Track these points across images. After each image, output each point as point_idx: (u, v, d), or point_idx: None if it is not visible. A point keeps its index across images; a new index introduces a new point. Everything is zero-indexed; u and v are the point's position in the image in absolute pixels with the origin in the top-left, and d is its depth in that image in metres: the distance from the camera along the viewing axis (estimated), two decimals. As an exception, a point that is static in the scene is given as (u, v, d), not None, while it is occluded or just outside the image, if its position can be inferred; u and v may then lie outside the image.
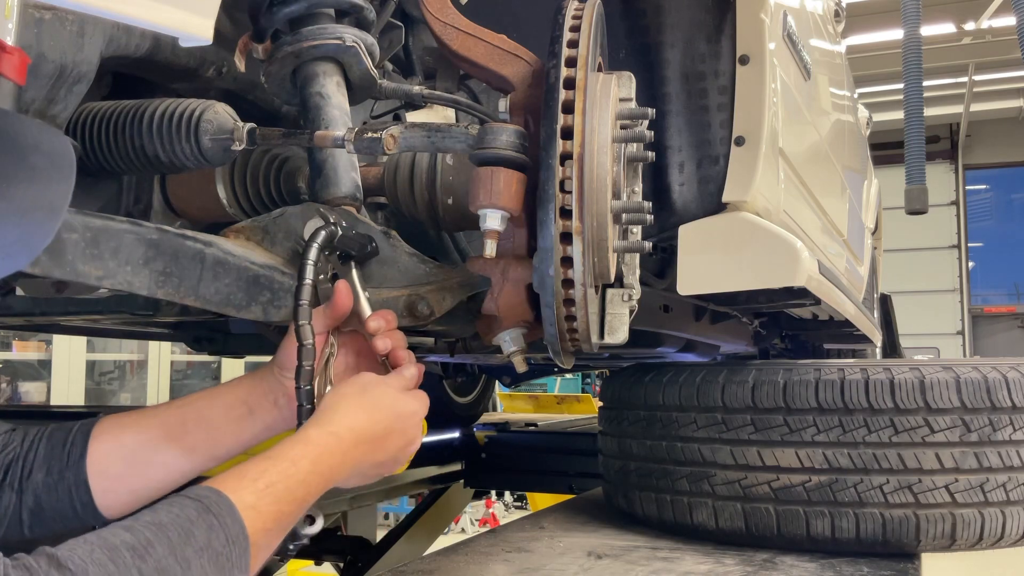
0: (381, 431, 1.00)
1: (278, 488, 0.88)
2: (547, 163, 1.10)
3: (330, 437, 0.95)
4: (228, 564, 0.78)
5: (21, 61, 0.77)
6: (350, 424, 0.97)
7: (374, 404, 1.01)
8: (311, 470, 0.92)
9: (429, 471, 3.33)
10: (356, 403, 0.99)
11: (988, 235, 16.25)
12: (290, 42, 1.12)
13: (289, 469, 0.90)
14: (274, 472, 0.88)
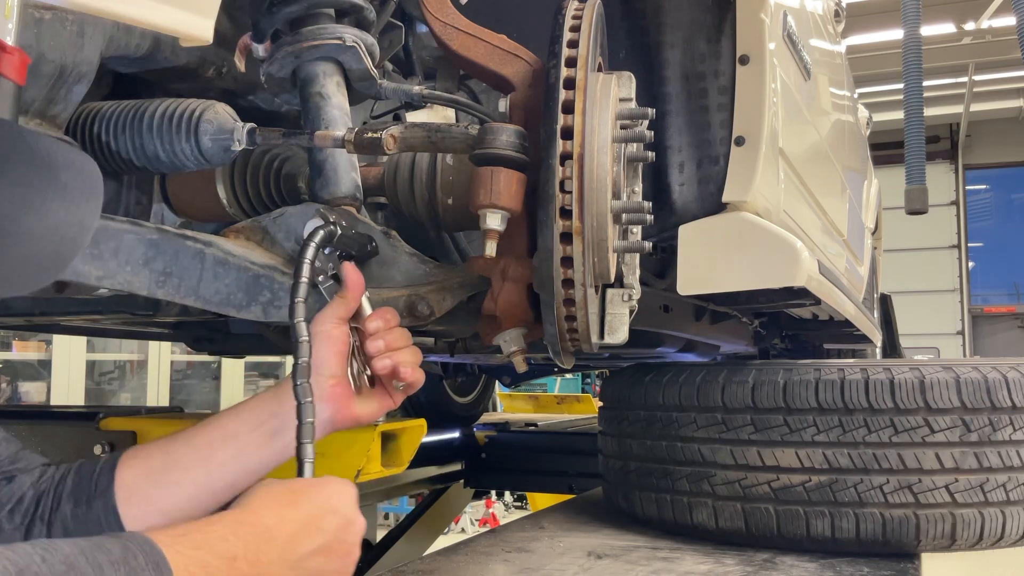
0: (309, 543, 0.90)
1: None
2: (547, 163, 1.10)
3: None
4: None
5: (21, 61, 0.77)
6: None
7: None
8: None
9: (429, 471, 3.33)
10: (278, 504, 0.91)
11: (988, 235, 16.24)
12: (290, 42, 1.12)
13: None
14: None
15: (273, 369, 8.72)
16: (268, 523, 0.86)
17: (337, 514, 0.93)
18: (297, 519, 0.89)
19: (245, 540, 0.82)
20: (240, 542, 0.81)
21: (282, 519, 0.87)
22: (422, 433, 1.67)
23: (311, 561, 0.88)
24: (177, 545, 0.76)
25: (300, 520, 0.89)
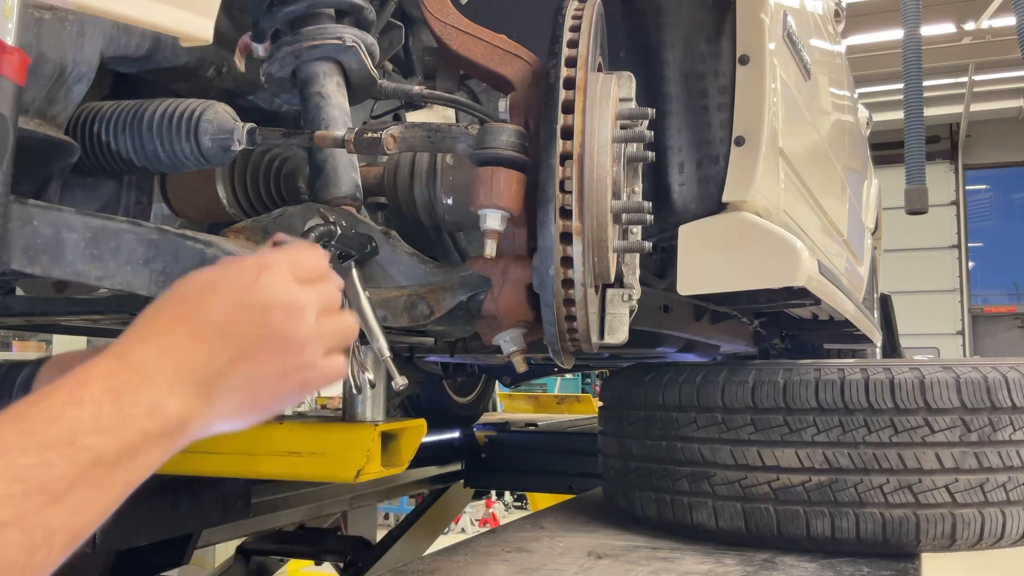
0: (221, 307, 0.67)
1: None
2: (547, 163, 1.10)
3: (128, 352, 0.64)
4: None
5: (21, 61, 0.77)
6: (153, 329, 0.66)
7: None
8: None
9: (429, 471, 3.34)
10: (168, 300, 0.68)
11: (988, 235, 16.24)
12: (290, 42, 1.13)
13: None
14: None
15: (273, 369, 8.70)
16: (143, 357, 0.64)
17: (251, 308, 0.68)
18: (198, 333, 0.66)
19: (95, 403, 0.60)
20: (85, 410, 0.59)
21: (166, 346, 0.65)
22: (422, 433, 1.67)
23: (237, 369, 0.67)
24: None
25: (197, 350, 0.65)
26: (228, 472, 1.70)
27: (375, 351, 1.11)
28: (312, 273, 0.72)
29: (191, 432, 0.65)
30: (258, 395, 0.69)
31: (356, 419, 1.69)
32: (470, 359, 3.09)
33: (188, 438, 0.66)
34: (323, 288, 0.73)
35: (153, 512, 1.77)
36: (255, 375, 0.67)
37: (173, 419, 0.63)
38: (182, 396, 0.64)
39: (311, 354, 0.70)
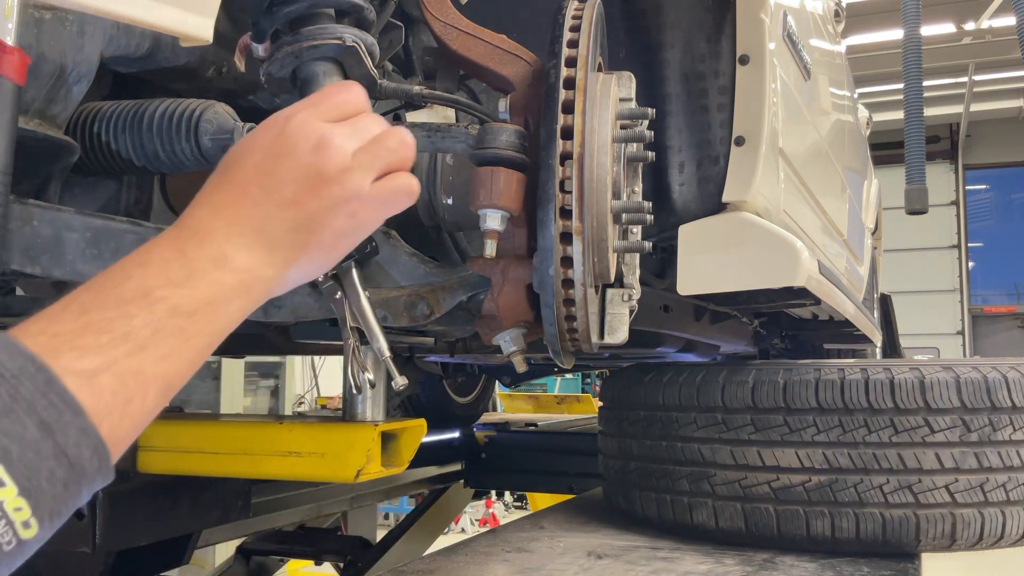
0: (256, 163, 0.71)
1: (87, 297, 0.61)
2: (547, 163, 1.10)
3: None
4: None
5: (21, 61, 0.77)
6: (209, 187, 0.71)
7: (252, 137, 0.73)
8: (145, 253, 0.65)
9: (429, 471, 3.34)
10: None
11: (988, 235, 16.25)
12: (290, 42, 1.12)
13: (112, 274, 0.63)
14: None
15: (273, 369, 8.72)
16: (197, 220, 0.68)
17: (281, 156, 0.71)
18: (241, 191, 0.69)
19: (162, 261, 0.64)
20: (153, 268, 0.63)
21: (216, 206, 0.69)
22: (422, 433, 1.67)
23: (284, 213, 0.70)
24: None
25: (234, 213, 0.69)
26: (228, 472, 1.70)
27: (375, 351, 1.11)
28: (342, 110, 0.74)
29: (268, 283, 0.69)
30: (317, 237, 0.71)
31: (356, 419, 1.69)
32: (470, 359, 3.09)
33: (267, 290, 0.70)
34: (358, 120, 0.75)
35: (153, 512, 1.77)
36: (304, 217, 0.70)
37: (241, 270, 0.67)
38: (242, 249, 0.67)
39: (353, 184, 0.72)
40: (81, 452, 0.56)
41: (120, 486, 1.69)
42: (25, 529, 0.53)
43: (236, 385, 7.62)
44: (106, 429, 0.58)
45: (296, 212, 0.70)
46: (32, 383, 0.54)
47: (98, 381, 0.57)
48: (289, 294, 1.23)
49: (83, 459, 0.56)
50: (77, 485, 0.56)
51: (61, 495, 0.55)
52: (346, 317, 1.13)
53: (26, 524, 0.53)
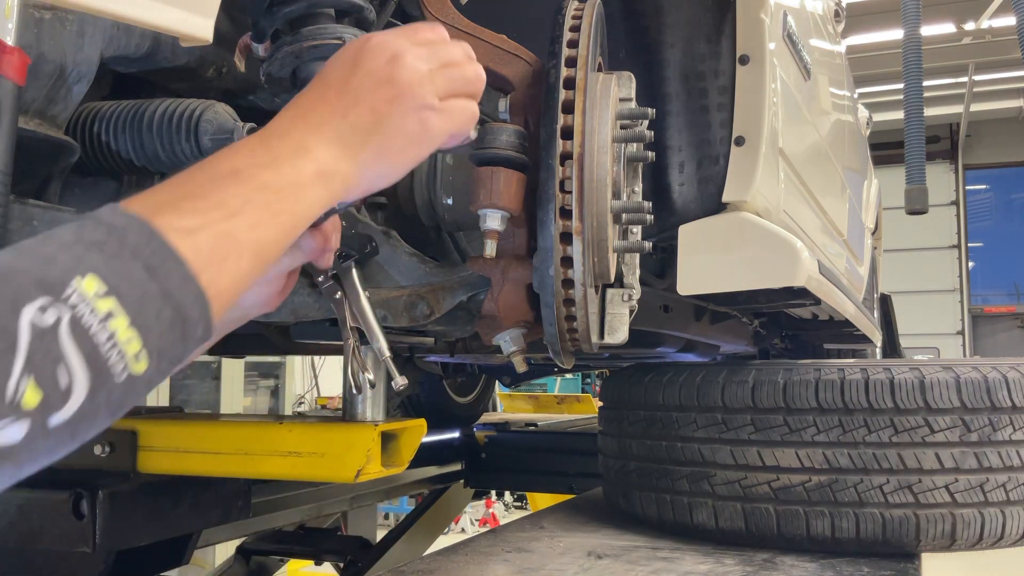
0: (338, 74, 0.80)
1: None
2: (547, 163, 1.10)
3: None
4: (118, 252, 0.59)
5: (21, 61, 0.77)
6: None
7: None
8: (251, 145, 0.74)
9: (429, 471, 3.33)
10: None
11: (988, 235, 16.25)
12: (290, 42, 1.12)
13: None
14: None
15: (273, 369, 8.72)
16: (281, 121, 0.77)
17: (359, 66, 0.80)
18: (323, 98, 0.78)
19: (249, 149, 0.72)
20: (241, 154, 0.71)
21: (300, 110, 0.78)
22: (422, 433, 1.67)
23: (362, 119, 0.77)
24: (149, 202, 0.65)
25: (331, 101, 0.78)
26: (228, 472, 1.70)
27: (375, 351, 1.11)
28: (421, 37, 0.82)
29: (345, 179, 0.76)
30: (389, 140, 0.79)
31: (356, 419, 1.69)
32: (470, 359, 3.09)
33: (345, 186, 0.77)
34: (436, 45, 0.83)
35: (153, 512, 1.77)
36: (378, 121, 0.78)
37: (320, 160, 0.74)
38: (321, 143, 0.75)
39: (424, 96, 0.80)
40: (184, 296, 0.61)
41: (120, 486, 1.69)
42: (136, 362, 0.58)
43: (236, 385, 7.62)
44: (204, 281, 0.63)
45: (370, 116, 0.77)
46: (137, 234, 0.61)
47: (195, 238, 0.63)
48: (289, 294, 1.22)
49: (186, 303, 0.61)
50: (182, 328, 0.61)
51: (167, 334, 0.60)
52: (346, 317, 1.13)
53: (137, 356, 0.58)
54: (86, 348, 0.55)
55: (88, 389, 0.55)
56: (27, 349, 0.53)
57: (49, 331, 0.54)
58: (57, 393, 0.54)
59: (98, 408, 0.57)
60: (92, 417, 0.57)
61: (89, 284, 0.56)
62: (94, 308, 0.56)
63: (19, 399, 0.52)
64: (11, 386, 0.52)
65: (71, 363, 0.54)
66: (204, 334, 0.64)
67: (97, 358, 0.56)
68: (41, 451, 0.55)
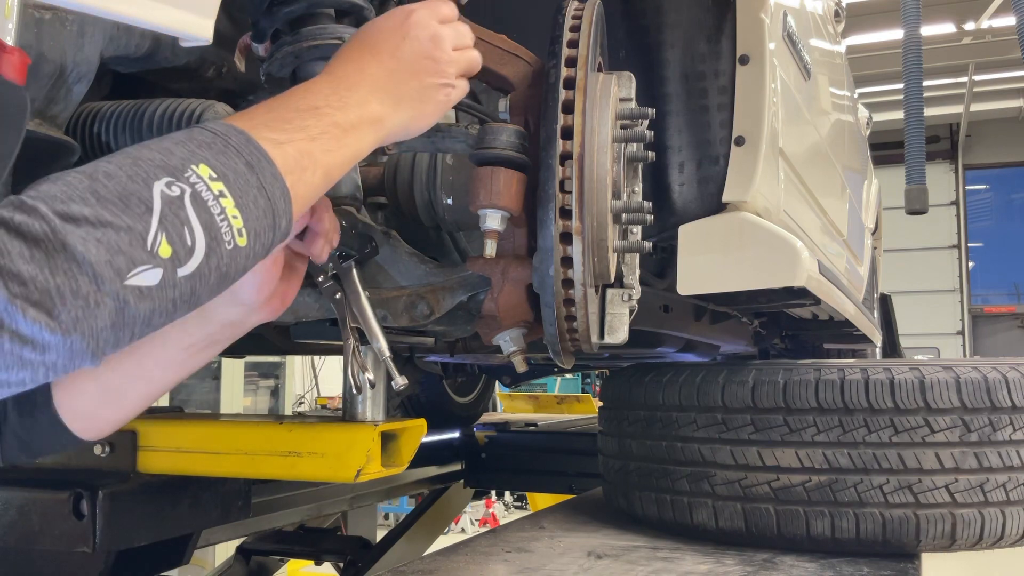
0: (391, 40, 0.95)
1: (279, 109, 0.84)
2: (547, 163, 1.10)
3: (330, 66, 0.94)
4: (224, 147, 0.73)
5: (21, 61, 0.77)
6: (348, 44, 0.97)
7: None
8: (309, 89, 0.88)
9: (429, 471, 3.33)
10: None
11: (988, 235, 16.25)
12: (290, 42, 1.12)
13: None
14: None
15: (273, 369, 8.72)
16: (347, 72, 0.91)
17: (411, 39, 0.95)
18: (378, 60, 0.93)
19: (325, 93, 0.86)
20: (320, 96, 0.85)
21: (361, 66, 0.92)
22: (422, 433, 1.67)
23: (409, 83, 0.93)
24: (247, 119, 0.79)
25: (383, 60, 0.93)
26: (228, 472, 1.70)
27: (375, 351, 1.11)
28: (448, 16, 0.99)
29: (388, 129, 0.91)
30: (424, 104, 0.95)
31: (356, 419, 1.69)
32: (470, 359, 3.09)
33: (388, 132, 0.92)
34: (458, 27, 1.00)
35: (153, 512, 1.77)
36: (419, 87, 0.94)
37: (376, 113, 0.89)
38: (378, 100, 0.90)
39: (451, 73, 0.97)
40: (274, 190, 0.74)
41: (120, 486, 1.69)
42: (240, 236, 0.71)
43: (236, 385, 7.62)
44: (289, 183, 0.76)
45: (417, 83, 0.94)
46: (237, 138, 0.74)
47: (283, 149, 0.77)
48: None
49: (275, 196, 0.75)
50: (272, 217, 0.74)
51: (262, 219, 0.73)
52: (346, 317, 1.13)
53: (240, 232, 0.71)
54: (204, 217, 0.68)
55: (206, 250, 0.68)
56: (160, 212, 0.66)
57: (176, 200, 0.67)
58: (184, 249, 0.66)
59: (211, 270, 0.69)
60: (206, 278, 0.69)
61: (204, 170, 0.70)
62: (209, 187, 0.69)
63: (156, 249, 0.65)
64: (149, 238, 0.65)
65: (194, 226, 0.67)
66: (286, 228, 0.77)
67: (213, 225, 0.69)
68: (169, 300, 0.67)
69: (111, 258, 0.62)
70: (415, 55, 0.95)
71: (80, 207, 0.63)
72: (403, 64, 0.94)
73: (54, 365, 0.61)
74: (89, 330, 0.62)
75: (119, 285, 0.63)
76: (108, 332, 0.63)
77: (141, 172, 0.67)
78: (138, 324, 0.66)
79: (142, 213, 0.65)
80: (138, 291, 0.64)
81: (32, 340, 0.59)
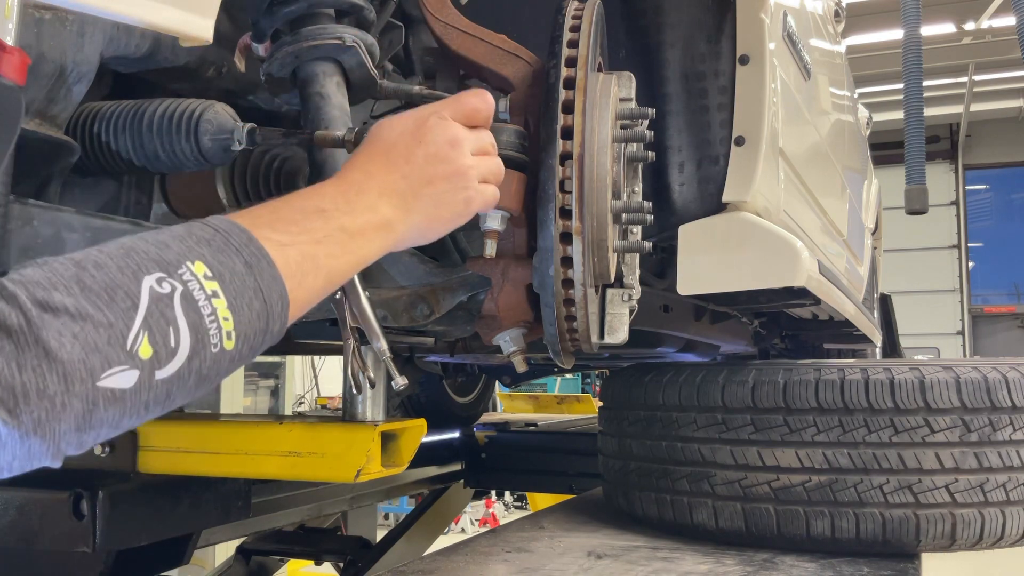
0: (403, 144, 0.92)
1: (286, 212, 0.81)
2: (547, 163, 1.10)
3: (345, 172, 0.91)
4: (229, 248, 0.71)
5: (21, 61, 0.77)
6: (367, 145, 0.93)
7: (398, 120, 0.95)
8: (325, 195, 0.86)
9: (429, 471, 3.33)
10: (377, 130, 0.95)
11: (988, 235, 16.25)
12: (290, 42, 1.12)
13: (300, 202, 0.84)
14: (284, 208, 0.82)
15: (273, 369, 8.72)
16: (356, 178, 0.88)
17: (426, 143, 0.92)
18: (390, 165, 0.90)
19: (332, 196, 0.84)
20: (327, 198, 0.83)
21: (371, 172, 0.89)
22: (422, 433, 1.67)
23: (422, 190, 0.91)
24: (250, 217, 0.77)
25: (396, 164, 0.90)
26: (228, 472, 1.70)
27: (375, 351, 1.11)
28: (472, 116, 0.96)
29: (399, 234, 0.89)
30: (439, 208, 0.92)
31: (356, 419, 1.69)
32: (470, 359, 3.09)
33: (398, 238, 0.89)
34: (480, 133, 0.96)
35: (153, 512, 1.77)
36: (434, 192, 0.91)
37: (386, 218, 0.87)
38: (388, 206, 0.88)
39: (471, 179, 0.94)
40: (271, 293, 0.72)
41: (120, 486, 1.69)
42: (228, 339, 0.68)
43: (236, 385, 7.62)
44: (288, 287, 0.74)
45: (431, 189, 0.91)
46: (239, 236, 0.72)
47: (285, 251, 0.75)
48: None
49: (272, 299, 0.72)
50: (266, 320, 0.72)
51: (254, 322, 0.70)
52: (346, 317, 1.13)
53: (229, 335, 0.68)
54: (192, 318, 0.65)
55: (189, 352, 0.65)
56: (145, 309, 0.63)
57: (165, 298, 0.64)
58: (166, 351, 0.63)
59: (191, 373, 0.66)
60: (184, 381, 0.65)
61: (199, 267, 0.67)
62: (203, 286, 0.67)
63: (136, 349, 0.61)
64: (130, 337, 0.61)
65: (180, 327, 0.64)
66: (279, 332, 0.75)
67: (201, 327, 0.66)
68: (141, 404, 0.63)
69: (86, 356, 0.59)
70: (429, 159, 0.91)
71: (62, 296, 0.59)
72: (416, 169, 0.90)
73: (9, 465, 0.58)
74: (51, 432, 0.58)
75: (90, 386, 0.59)
76: (72, 435, 0.60)
77: (132, 264, 0.64)
78: (104, 427, 0.62)
79: (127, 308, 0.62)
80: (110, 393, 0.60)
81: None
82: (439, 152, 0.92)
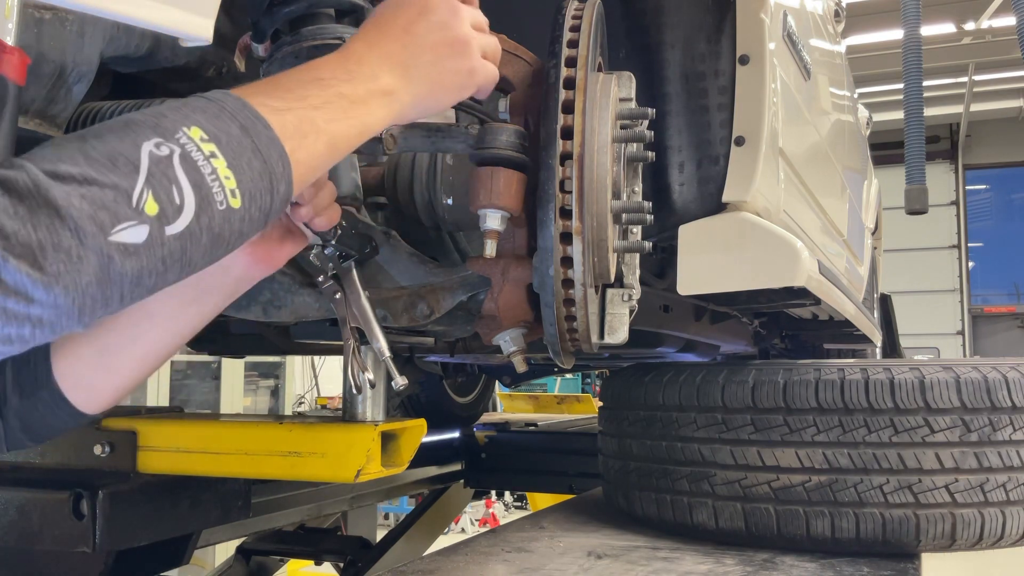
0: (404, 15, 0.92)
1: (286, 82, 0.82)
2: (547, 163, 1.10)
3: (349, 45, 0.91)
4: (223, 114, 0.73)
5: (21, 61, 0.77)
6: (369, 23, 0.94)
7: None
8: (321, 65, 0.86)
9: (429, 471, 3.33)
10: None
11: (988, 235, 16.25)
12: (290, 42, 1.12)
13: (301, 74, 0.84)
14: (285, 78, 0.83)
15: (273, 369, 8.72)
16: (356, 48, 0.88)
17: (426, 13, 0.92)
18: (391, 35, 0.90)
19: (332, 66, 0.84)
20: (326, 69, 0.84)
21: (371, 42, 0.89)
22: (422, 433, 1.67)
23: (423, 56, 0.91)
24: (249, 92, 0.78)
25: (394, 35, 0.90)
26: (228, 472, 1.70)
27: (375, 351, 1.11)
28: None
29: (402, 105, 0.89)
30: (442, 76, 0.92)
31: (356, 419, 1.69)
32: (470, 359, 3.09)
33: (400, 111, 0.89)
34: (474, 10, 0.98)
35: (153, 512, 1.77)
36: (436, 60, 0.91)
37: (388, 85, 0.87)
38: (389, 74, 0.88)
39: (474, 48, 0.94)
40: (271, 153, 0.74)
41: (120, 486, 1.69)
42: (232, 197, 0.70)
43: (236, 385, 7.62)
44: (288, 148, 0.75)
45: (432, 57, 0.91)
46: (233, 104, 0.74)
47: (282, 115, 0.76)
48: (289, 294, 1.22)
49: (272, 159, 0.74)
50: (269, 179, 0.73)
51: (258, 181, 0.72)
52: (346, 317, 1.13)
53: (233, 193, 0.70)
54: (193, 176, 0.68)
55: (196, 208, 0.67)
56: (147, 171, 0.66)
57: (164, 159, 0.67)
58: (172, 207, 0.66)
59: (202, 230, 0.68)
60: (197, 238, 0.68)
61: (195, 132, 0.70)
62: (200, 147, 0.69)
63: (142, 206, 0.65)
64: (135, 196, 0.64)
65: (182, 185, 0.67)
66: (286, 192, 0.76)
67: (203, 185, 0.68)
68: (158, 259, 0.66)
69: (94, 213, 0.62)
70: (431, 27, 0.92)
71: (68, 167, 0.63)
72: (417, 38, 0.91)
73: (39, 321, 0.61)
74: (73, 284, 0.61)
75: (102, 240, 0.62)
76: (94, 288, 0.63)
77: (131, 134, 0.67)
78: (126, 283, 0.65)
79: (129, 172, 0.65)
80: (123, 248, 0.64)
81: (15, 290, 0.58)
82: (440, 19, 0.92)
